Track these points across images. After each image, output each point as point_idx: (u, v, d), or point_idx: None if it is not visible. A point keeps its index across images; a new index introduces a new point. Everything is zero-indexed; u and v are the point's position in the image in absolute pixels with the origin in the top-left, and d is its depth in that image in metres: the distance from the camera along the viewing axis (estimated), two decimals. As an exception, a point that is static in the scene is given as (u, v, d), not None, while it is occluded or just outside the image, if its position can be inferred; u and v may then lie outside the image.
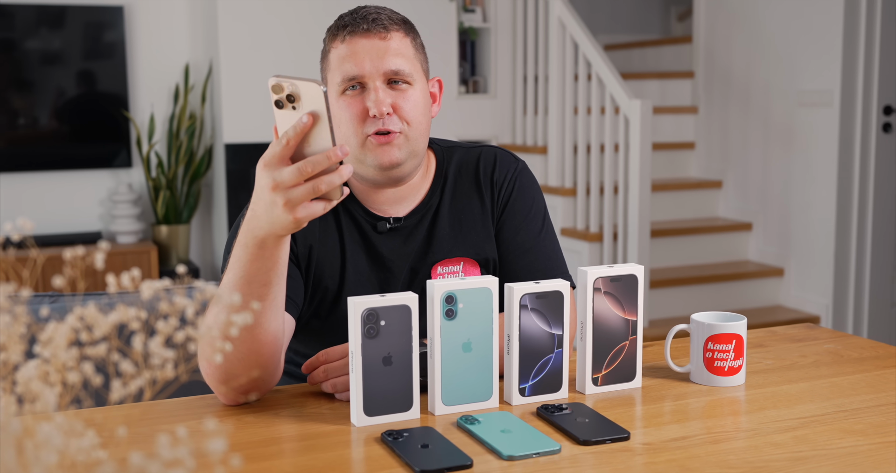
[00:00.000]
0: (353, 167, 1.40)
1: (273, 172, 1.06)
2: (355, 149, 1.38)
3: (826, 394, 1.28)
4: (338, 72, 1.37)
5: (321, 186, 1.05)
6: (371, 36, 1.36)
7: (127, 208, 4.40)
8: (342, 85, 1.37)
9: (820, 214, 4.15)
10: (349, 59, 1.36)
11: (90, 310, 0.62)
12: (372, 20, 1.36)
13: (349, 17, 1.39)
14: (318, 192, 1.05)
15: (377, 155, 1.36)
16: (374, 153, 1.36)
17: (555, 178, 4.51)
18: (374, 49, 1.36)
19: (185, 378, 0.59)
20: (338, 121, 1.38)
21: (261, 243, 1.12)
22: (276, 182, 1.06)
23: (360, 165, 1.39)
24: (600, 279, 1.27)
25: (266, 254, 1.13)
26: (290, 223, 1.08)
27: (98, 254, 0.58)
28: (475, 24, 4.86)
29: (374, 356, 1.15)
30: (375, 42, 1.36)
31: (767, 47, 4.44)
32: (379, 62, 1.35)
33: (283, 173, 1.05)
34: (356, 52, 1.36)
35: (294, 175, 1.05)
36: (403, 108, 1.37)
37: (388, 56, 1.36)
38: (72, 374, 0.56)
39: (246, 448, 1.09)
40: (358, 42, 1.36)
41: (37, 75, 4.32)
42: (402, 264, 1.46)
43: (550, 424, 1.15)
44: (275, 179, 1.06)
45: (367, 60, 1.35)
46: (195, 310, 0.62)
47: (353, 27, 1.37)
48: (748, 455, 1.06)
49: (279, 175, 1.06)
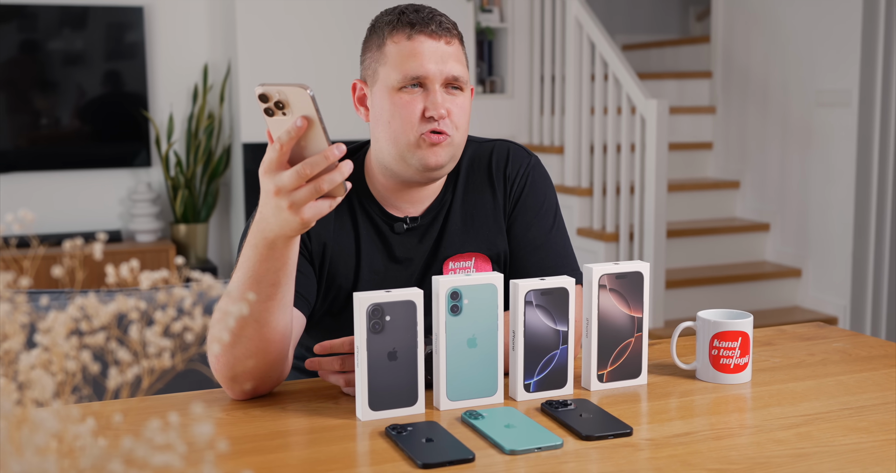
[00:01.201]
0: (393, 164, 1.41)
1: (273, 178, 1.08)
2: (404, 147, 1.38)
3: (832, 392, 1.27)
4: (399, 68, 1.37)
5: (323, 185, 1.06)
6: (437, 38, 1.37)
7: (146, 207, 4.43)
8: (402, 82, 1.37)
9: (838, 214, 4.13)
10: (414, 58, 1.36)
11: (90, 300, 0.63)
12: (439, 23, 1.38)
13: (414, 15, 1.38)
14: (320, 191, 1.06)
15: (426, 154, 1.37)
16: (424, 153, 1.37)
17: (571, 178, 4.51)
18: (440, 52, 1.37)
19: (181, 367, 0.60)
20: (390, 116, 1.38)
21: (270, 244, 1.13)
22: (277, 187, 1.07)
23: (402, 164, 1.40)
24: (606, 276, 1.27)
25: (275, 255, 1.14)
26: (298, 224, 1.09)
27: (97, 245, 0.60)
28: (492, 24, 4.87)
29: (380, 351, 1.16)
30: (441, 45, 1.37)
31: (786, 47, 4.42)
32: (443, 66, 1.37)
33: (282, 178, 1.07)
34: (422, 52, 1.36)
35: (294, 178, 1.06)
36: (455, 113, 1.39)
37: (451, 61, 1.38)
38: (70, 362, 0.57)
39: (252, 440, 1.11)
40: (425, 42, 1.37)
41: (59, 76, 4.37)
42: (417, 263, 1.47)
43: (554, 419, 1.16)
44: (276, 184, 1.07)
45: (432, 62, 1.36)
46: (193, 301, 0.63)
47: (422, 27, 1.37)
48: (750, 452, 1.06)
49: (279, 180, 1.07)
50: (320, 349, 1.26)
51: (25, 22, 4.28)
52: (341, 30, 4.45)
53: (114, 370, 0.58)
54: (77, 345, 0.61)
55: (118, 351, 0.57)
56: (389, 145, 1.39)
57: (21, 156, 4.36)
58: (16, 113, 4.34)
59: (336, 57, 4.46)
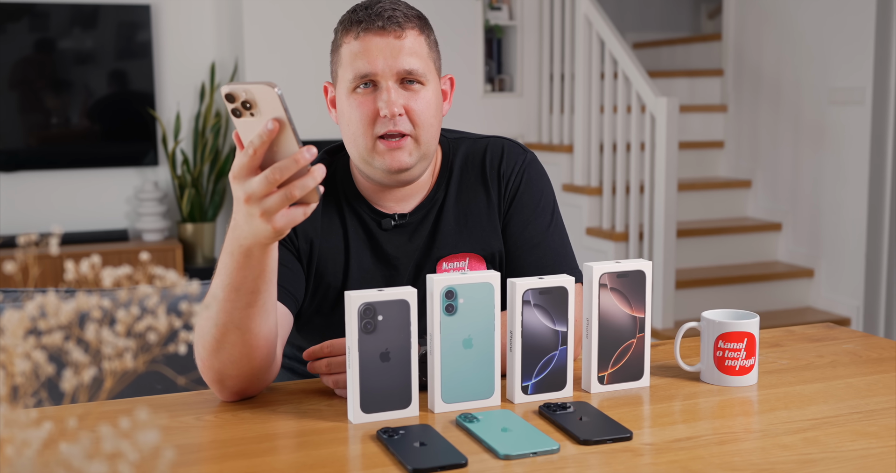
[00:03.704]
0: (361, 167, 1.38)
1: (243, 184, 1.03)
2: (363, 150, 1.35)
3: (841, 395, 1.23)
4: (349, 68, 1.34)
5: (294, 191, 1.01)
6: (386, 34, 1.32)
7: (153, 206, 4.42)
8: (353, 82, 1.34)
9: (851, 214, 4.07)
10: (362, 56, 1.33)
11: (49, 298, 0.60)
12: (387, 18, 1.33)
13: (363, 12, 1.34)
14: (292, 198, 1.02)
15: (386, 159, 1.34)
16: (383, 157, 1.34)
17: (580, 177, 4.46)
18: (389, 48, 1.32)
19: (142, 369, 0.57)
20: (347, 119, 1.35)
21: (246, 251, 1.09)
22: (247, 194, 1.02)
23: (368, 167, 1.37)
24: (607, 275, 1.23)
25: (252, 262, 1.10)
26: (271, 233, 1.05)
27: (52, 239, 0.56)
28: (501, 22, 4.83)
29: (372, 352, 1.12)
30: (390, 40, 1.32)
31: (798, 44, 4.36)
32: (393, 61, 1.32)
33: (252, 184, 1.02)
34: (369, 49, 1.32)
35: (263, 184, 1.01)
36: (415, 109, 1.34)
37: (403, 55, 1.33)
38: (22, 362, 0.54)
39: (241, 444, 1.08)
40: (372, 40, 1.32)
41: (69, 75, 4.36)
42: (407, 262, 1.44)
43: (552, 423, 1.12)
44: (245, 191, 1.02)
45: (380, 59, 1.32)
46: (157, 300, 0.60)
47: (368, 24, 1.33)
48: (754, 457, 1.02)
49: (249, 186, 1.02)
50: (308, 357, 1.23)
51: (37, 21, 4.27)
52: (349, 28, 4.42)
53: (69, 372, 0.54)
54: (33, 345, 0.58)
55: (73, 352, 0.54)
56: (353, 149, 1.37)
57: (30, 155, 4.35)
58: (27, 112, 4.33)
59: (343, 55, 4.42)
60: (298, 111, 4.38)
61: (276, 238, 1.07)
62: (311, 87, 4.42)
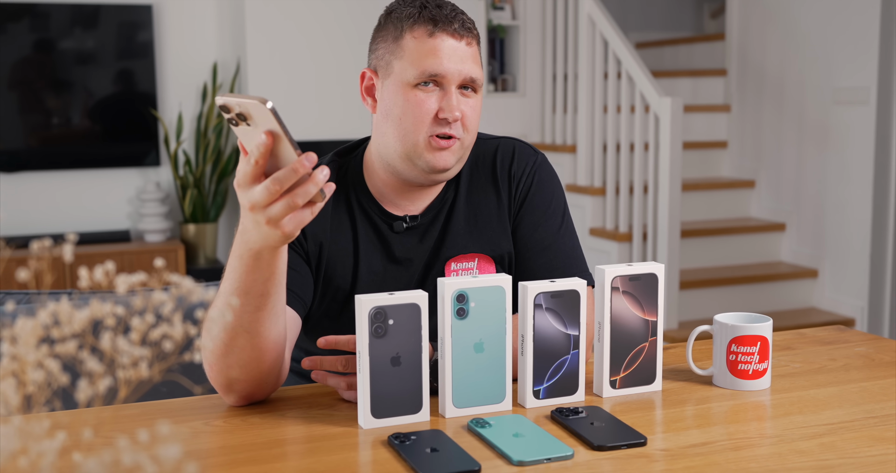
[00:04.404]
0: (397, 162, 1.36)
1: (247, 193, 1.03)
2: (411, 146, 1.34)
3: (855, 399, 1.22)
4: (417, 64, 1.32)
5: (297, 199, 1.01)
6: (459, 38, 1.33)
7: (155, 207, 4.40)
8: (419, 78, 1.32)
9: (855, 214, 4.06)
10: (434, 55, 1.32)
11: (63, 305, 0.58)
12: (461, 23, 1.34)
13: (436, 10, 1.33)
14: (295, 206, 1.01)
15: (433, 157, 1.33)
16: (432, 155, 1.33)
17: (584, 177, 4.45)
18: (460, 52, 1.33)
19: (158, 378, 0.56)
20: (401, 112, 1.34)
21: (256, 255, 1.08)
22: (251, 203, 1.02)
23: (407, 163, 1.35)
24: (619, 278, 1.22)
25: (262, 265, 1.09)
26: (280, 237, 1.04)
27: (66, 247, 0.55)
28: (504, 22, 4.82)
29: (383, 356, 1.11)
30: (462, 46, 1.33)
31: (802, 44, 4.35)
32: (462, 66, 1.33)
33: (254, 194, 1.02)
34: (442, 50, 1.32)
35: (264, 195, 1.01)
36: (469, 116, 1.35)
37: (470, 62, 1.34)
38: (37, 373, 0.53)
39: (251, 449, 1.06)
40: (446, 40, 1.32)
41: (70, 75, 4.34)
42: (417, 263, 1.42)
43: (564, 428, 1.11)
44: (248, 199, 1.02)
45: (452, 62, 1.32)
46: (172, 306, 0.59)
47: (445, 25, 1.32)
48: (771, 463, 1.01)
49: (252, 196, 1.02)
50: (324, 344, 1.20)
51: (37, 21, 4.25)
52: (350, 27, 4.41)
53: (84, 382, 0.53)
54: (47, 354, 0.57)
55: (88, 361, 0.53)
56: (396, 142, 1.35)
57: (31, 155, 4.34)
58: (27, 112, 4.32)
59: (345, 55, 4.42)
60: (299, 111, 4.37)
61: (286, 241, 1.07)
62: (312, 87, 4.41)
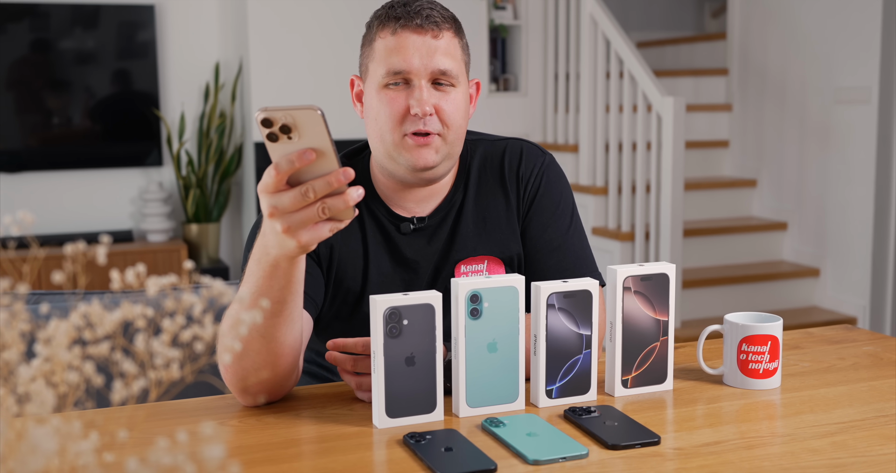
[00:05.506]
0: (385, 163, 1.37)
1: (271, 198, 1.02)
2: (390, 146, 1.35)
3: (865, 398, 1.23)
4: (383, 63, 1.33)
5: (324, 210, 1.00)
6: (423, 32, 1.33)
7: (157, 207, 4.41)
8: (386, 78, 1.33)
9: (857, 213, 4.07)
10: (397, 52, 1.32)
11: (94, 307, 0.59)
12: (426, 16, 1.33)
13: (401, 9, 1.34)
14: (318, 217, 1.01)
15: (412, 156, 1.34)
16: (410, 154, 1.34)
17: (586, 176, 4.46)
18: (425, 46, 1.32)
19: (190, 379, 0.56)
20: (375, 114, 1.35)
21: (274, 262, 1.08)
22: (273, 207, 1.01)
23: (392, 163, 1.36)
24: (630, 278, 1.23)
25: (279, 273, 1.09)
26: (295, 248, 1.04)
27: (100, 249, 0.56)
28: (506, 22, 4.82)
29: (397, 357, 1.12)
30: (427, 39, 1.33)
31: (804, 43, 4.35)
32: (428, 60, 1.32)
33: (282, 199, 1.01)
34: (406, 46, 1.32)
35: (295, 200, 1.00)
36: (445, 110, 1.34)
37: (438, 55, 1.33)
38: (72, 374, 0.53)
39: (265, 449, 1.07)
40: (409, 37, 1.32)
41: (70, 75, 4.34)
42: (426, 265, 1.43)
43: (578, 427, 1.12)
44: (273, 204, 1.01)
45: (416, 57, 1.32)
46: (203, 308, 0.59)
47: (406, 20, 1.33)
48: (784, 462, 1.01)
49: (278, 200, 1.01)
50: (332, 347, 1.21)
51: (37, 21, 4.26)
52: (353, 27, 4.41)
53: (118, 384, 0.54)
54: (80, 355, 0.57)
55: (123, 363, 0.53)
56: (379, 144, 1.36)
57: (32, 155, 4.34)
58: (27, 113, 4.32)
59: (348, 55, 4.42)
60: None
61: (302, 252, 1.07)
62: (313, 87, 4.42)
